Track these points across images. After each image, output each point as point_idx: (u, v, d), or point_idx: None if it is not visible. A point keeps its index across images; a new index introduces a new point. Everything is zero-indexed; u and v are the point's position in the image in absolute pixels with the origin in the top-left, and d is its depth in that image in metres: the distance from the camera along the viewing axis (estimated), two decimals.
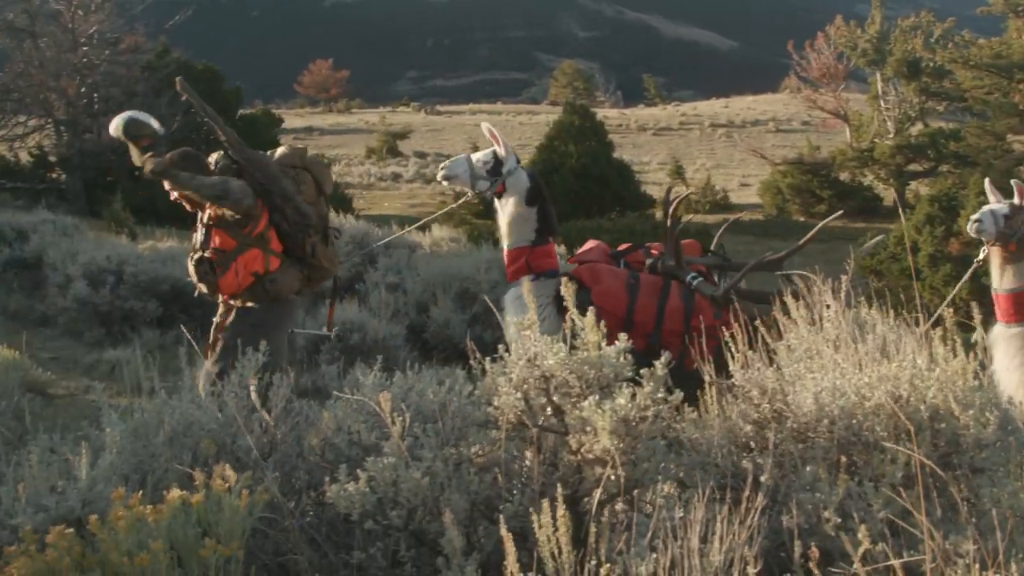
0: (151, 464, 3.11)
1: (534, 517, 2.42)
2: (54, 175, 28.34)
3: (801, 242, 5.66)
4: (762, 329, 3.40)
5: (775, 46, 67.71)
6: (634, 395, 2.70)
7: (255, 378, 3.34)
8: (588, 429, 2.72)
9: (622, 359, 2.80)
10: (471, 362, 3.12)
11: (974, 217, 5.41)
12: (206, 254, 5.46)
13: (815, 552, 2.36)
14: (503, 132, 6.01)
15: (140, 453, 3.12)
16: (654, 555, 2.41)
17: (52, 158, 28.11)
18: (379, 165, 46.20)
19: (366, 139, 53.11)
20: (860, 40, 35.05)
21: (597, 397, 2.68)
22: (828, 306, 3.56)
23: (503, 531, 2.36)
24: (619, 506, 2.76)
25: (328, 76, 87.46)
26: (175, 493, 2.52)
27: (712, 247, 6.13)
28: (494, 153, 5.71)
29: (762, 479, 2.75)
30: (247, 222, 5.44)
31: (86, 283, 10.37)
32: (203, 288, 5.54)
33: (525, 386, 2.83)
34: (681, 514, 2.51)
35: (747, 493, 2.53)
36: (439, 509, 2.72)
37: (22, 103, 28.97)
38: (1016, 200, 5.34)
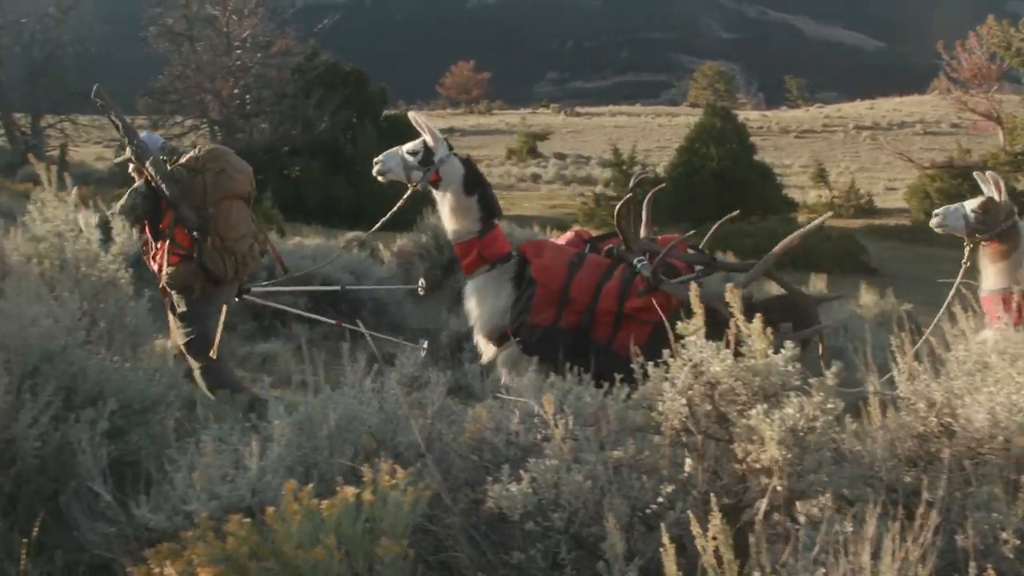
0: (314, 457, 3.19)
1: (696, 526, 2.39)
2: None
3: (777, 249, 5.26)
4: (931, 340, 3.29)
5: (923, 47, 65.68)
6: (802, 405, 2.65)
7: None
8: (754, 438, 2.68)
9: (790, 368, 2.75)
10: (632, 366, 3.11)
11: (936, 211, 5.19)
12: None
13: (991, 575, 2.28)
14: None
15: (304, 446, 3.20)
16: (822, 570, 2.35)
17: None
18: (519, 166, 46.71)
19: (506, 140, 53.59)
20: (1015, 39, 33.68)
21: (765, 406, 2.64)
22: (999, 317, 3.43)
23: (664, 538, 2.34)
24: (780, 517, 2.71)
25: (470, 78, 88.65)
26: (348, 490, 2.57)
27: (702, 245, 5.81)
28: (424, 142, 5.51)
29: (930, 496, 2.66)
30: (157, 219, 6.22)
31: None
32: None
33: (690, 392, 2.80)
34: (850, 528, 2.45)
35: (921, 510, 2.45)
36: (600, 513, 2.72)
37: (179, 104, 30.27)
38: (994, 194, 4.96)
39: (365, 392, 3.43)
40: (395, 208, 6.13)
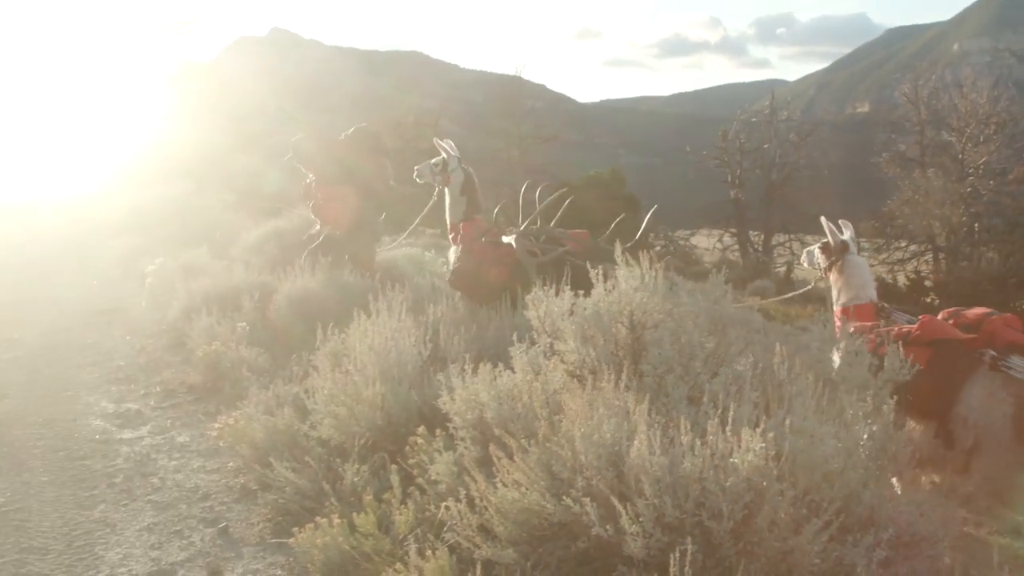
0: None
1: None
2: (928, 300, 28.90)
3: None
4: None
5: None
6: None
7: None
8: None
9: None
10: None
11: (804, 251, 6.77)
12: None
13: None
14: None
15: None
16: None
17: (928, 283, 28.75)
18: None
19: None
20: None
21: None
22: None
23: None
24: None
25: None
26: None
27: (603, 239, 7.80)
28: (443, 158, 8.23)
29: None
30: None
31: None
32: None
33: None
34: None
35: None
36: None
37: (904, 229, 30.35)
38: (829, 237, 6.29)
39: None
40: (424, 213, 8.99)
